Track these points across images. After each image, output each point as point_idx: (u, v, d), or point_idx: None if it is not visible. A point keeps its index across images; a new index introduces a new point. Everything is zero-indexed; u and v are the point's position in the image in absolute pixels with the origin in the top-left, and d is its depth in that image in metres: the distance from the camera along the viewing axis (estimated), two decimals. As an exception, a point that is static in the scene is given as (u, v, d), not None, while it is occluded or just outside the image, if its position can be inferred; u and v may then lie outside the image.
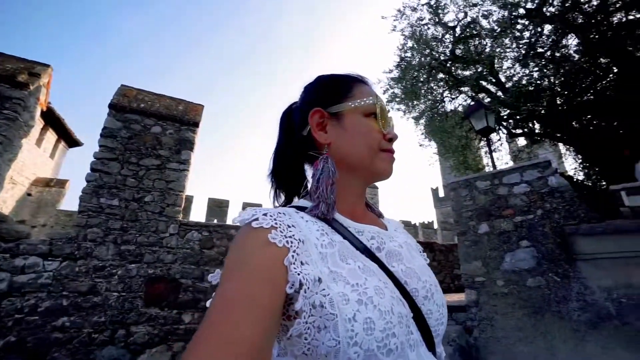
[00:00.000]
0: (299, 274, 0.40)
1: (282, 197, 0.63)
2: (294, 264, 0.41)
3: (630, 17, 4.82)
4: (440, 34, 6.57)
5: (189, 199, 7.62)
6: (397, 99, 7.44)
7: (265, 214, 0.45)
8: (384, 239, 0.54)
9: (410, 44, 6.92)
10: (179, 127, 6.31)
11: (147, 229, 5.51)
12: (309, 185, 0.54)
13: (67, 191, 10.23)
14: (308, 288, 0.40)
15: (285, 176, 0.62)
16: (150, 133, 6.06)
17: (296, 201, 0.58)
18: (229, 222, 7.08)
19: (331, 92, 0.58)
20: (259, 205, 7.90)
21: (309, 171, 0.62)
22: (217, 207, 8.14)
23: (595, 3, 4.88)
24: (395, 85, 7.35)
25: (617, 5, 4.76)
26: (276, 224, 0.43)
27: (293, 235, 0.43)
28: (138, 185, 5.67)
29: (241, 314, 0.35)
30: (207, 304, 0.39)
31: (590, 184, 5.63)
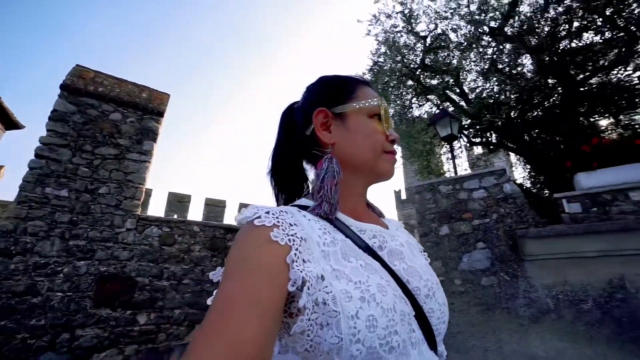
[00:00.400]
0: (301, 272, 0.40)
1: (283, 196, 0.62)
2: (296, 261, 0.41)
3: (573, 45, 5.42)
4: (412, 43, 6.85)
5: (148, 193, 7.17)
6: (369, 102, 7.61)
7: (267, 212, 0.45)
8: (385, 238, 0.55)
9: (383, 49, 7.12)
10: (141, 115, 5.89)
11: (101, 223, 5.08)
12: (312, 185, 0.54)
13: (1, 179, 9.12)
14: (311, 285, 0.40)
15: (285, 176, 0.62)
16: (109, 120, 5.59)
17: (298, 200, 0.58)
18: (190, 217, 6.78)
19: (335, 92, 0.59)
20: (222, 202, 7.68)
21: (309, 171, 0.63)
22: (178, 201, 7.74)
23: (546, 29, 5.41)
24: (368, 89, 7.51)
25: (564, 34, 5.33)
26: (278, 222, 0.44)
27: (295, 233, 0.44)
28: (92, 176, 5.20)
29: (242, 313, 0.35)
30: (208, 301, 0.39)
31: (535, 192, 6.24)
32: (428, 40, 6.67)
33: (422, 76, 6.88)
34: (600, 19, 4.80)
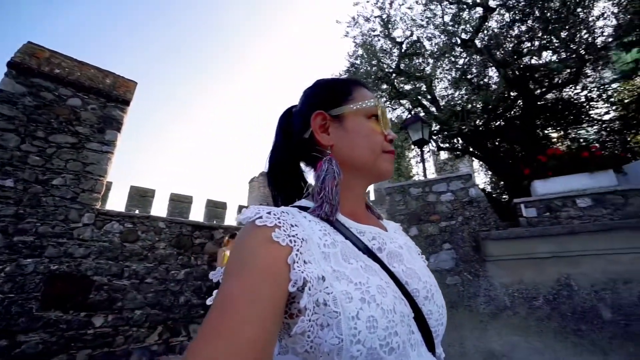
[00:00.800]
0: (302, 272, 0.40)
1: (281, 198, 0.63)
2: (297, 262, 0.41)
3: (533, 62, 5.88)
4: (389, 48, 7.04)
5: (107, 186, 6.69)
6: (344, 104, 7.71)
7: (268, 213, 0.45)
8: (384, 240, 0.55)
9: (360, 52, 7.24)
10: (104, 102, 5.45)
11: (54, 217, 4.63)
12: (312, 186, 0.54)
13: None
14: (312, 286, 0.40)
15: (282, 178, 0.62)
16: (67, 105, 5.10)
17: (298, 201, 0.58)
18: (153, 213, 6.44)
19: (332, 95, 0.59)
20: (189, 197, 7.38)
21: (307, 173, 0.63)
22: (141, 196, 7.29)
23: (511, 46, 5.82)
24: (343, 90, 7.60)
25: (525, 51, 5.76)
26: (279, 222, 0.44)
27: (296, 234, 0.44)
28: (44, 165, 4.72)
29: (243, 313, 0.35)
30: (209, 302, 0.39)
31: (495, 196, 6.69)
32: (404, 46, 6.88)
33: (396, 81, 7.08)
34: (557, 41, 5.24)
